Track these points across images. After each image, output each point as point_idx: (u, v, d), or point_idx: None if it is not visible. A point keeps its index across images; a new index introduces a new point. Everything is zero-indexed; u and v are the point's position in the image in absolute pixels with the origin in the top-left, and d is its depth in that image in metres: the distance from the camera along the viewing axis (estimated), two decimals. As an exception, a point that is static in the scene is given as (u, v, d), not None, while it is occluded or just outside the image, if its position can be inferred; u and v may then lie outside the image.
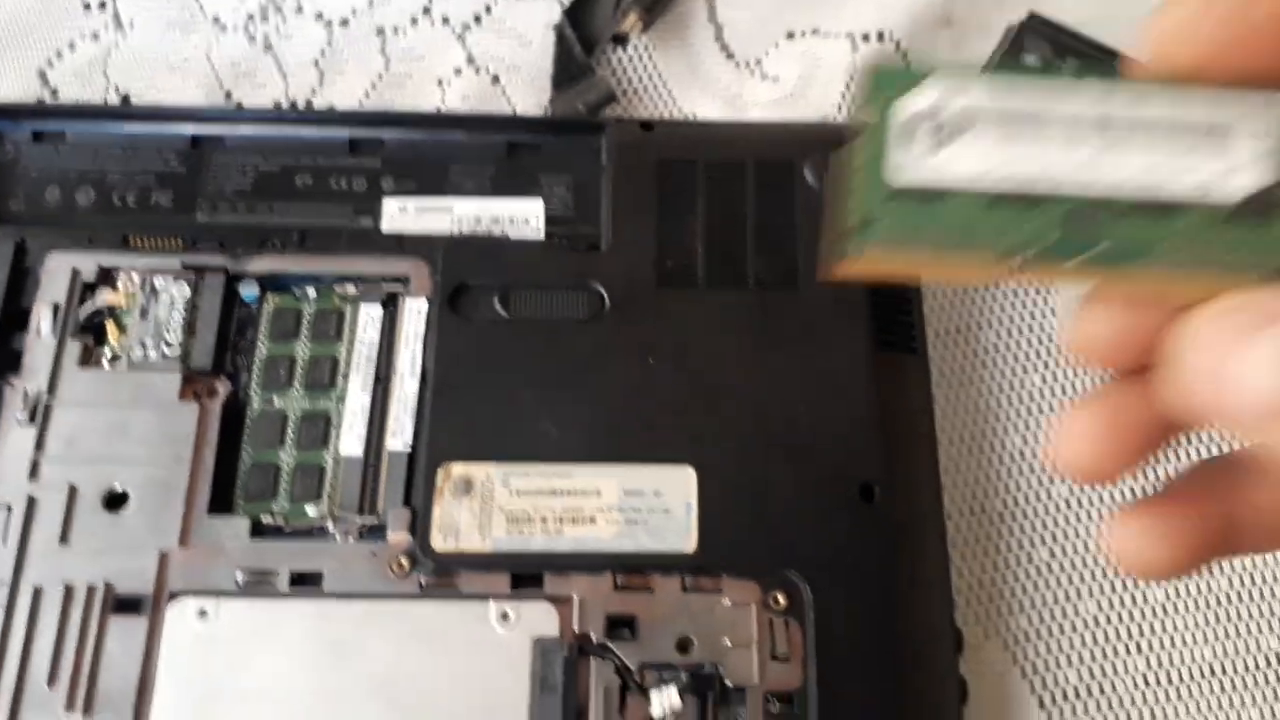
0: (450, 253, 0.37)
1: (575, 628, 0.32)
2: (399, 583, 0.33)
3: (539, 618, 0.32)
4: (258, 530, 0.34)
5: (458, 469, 0.34)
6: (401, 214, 0.39)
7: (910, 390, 0.36)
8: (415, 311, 0.37)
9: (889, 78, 0.16)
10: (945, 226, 0.16)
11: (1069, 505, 0.39)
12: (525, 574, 0.33)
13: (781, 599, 0.33)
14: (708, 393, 0.35)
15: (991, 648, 0.38)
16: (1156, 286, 0.15)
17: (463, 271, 0.37)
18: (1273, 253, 0.15)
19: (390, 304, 0.37)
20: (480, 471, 0.34)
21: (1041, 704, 0.37)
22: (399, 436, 0.36)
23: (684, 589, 0.33)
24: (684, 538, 0.33)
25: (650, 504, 0.33)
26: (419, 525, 0.33)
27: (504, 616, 0.32)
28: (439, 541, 0.33)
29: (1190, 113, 0.15)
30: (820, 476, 0.32)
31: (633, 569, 0.33)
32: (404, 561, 0.33)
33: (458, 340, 0.36)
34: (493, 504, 0.34)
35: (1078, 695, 0.37)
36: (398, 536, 0.34)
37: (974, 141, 0.16)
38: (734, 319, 0.36)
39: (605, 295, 0.36)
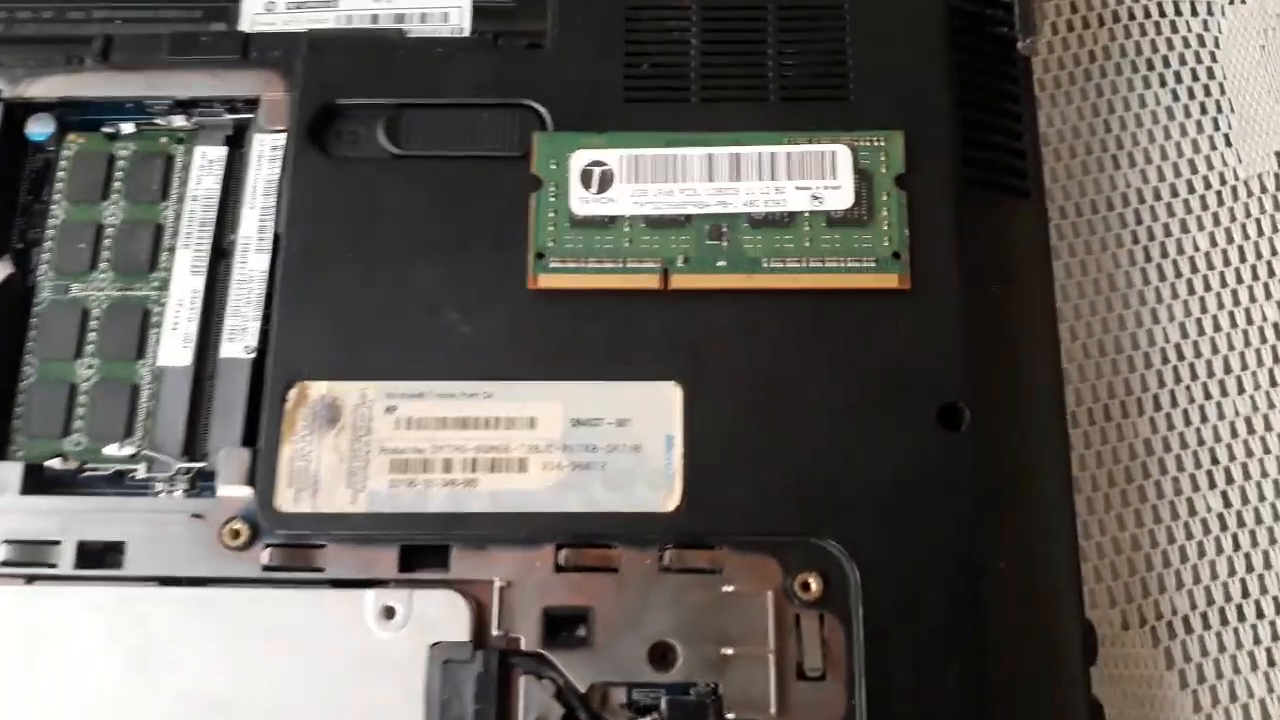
0: (314, 56, 0.28)
1: (495, 628, 0.25)
2: (233, 560, 0.25)
3: (440, 613, 0.25)
4: (33, 481, 0.26)
5: (316, 389, 0.25)
6: (268, 14, 0.29)
7: (1019, 255, 0.27)
8: (267, 151, 0.27)
9: (553, 141, 0.26)
10: (616, 244, 0.26)
11: (1250, 429, 0.29)
12: (420, 547, 0.25)
13: (813, 583, 0.25)
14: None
15: (1135, 641, 0.28)
16: (787, 282, 0.26)
17: (332, 85, 0.28)
18: (875, 248, 0.26)
19: (238, 143, 0.28)
20: (352, 391, 0.25)
21: (1211, 727, 0.27)
22: (239, 339, 0.25)
23: (662, 568, 0.25)
24: (662, 490, 0.25)
25: (611, 438, 0.25)
26: (260, 474, 0.25)
27: (388, 612, 0.25)
28: (288, 499, 0.25)
29: (805, 145, 0.26)
30: (877, 394, 0.25)
31: (585, 539, 0.25)
32: (240, 528, 0.25)
33: (322, 189, 0.27)
34: (370, 441, 0.25)
35: (1266, 715, 0.27)
36: (232, 491, 0.25)
37: (629, 182, 0.26)
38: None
39: (547, 116, 0.27)
